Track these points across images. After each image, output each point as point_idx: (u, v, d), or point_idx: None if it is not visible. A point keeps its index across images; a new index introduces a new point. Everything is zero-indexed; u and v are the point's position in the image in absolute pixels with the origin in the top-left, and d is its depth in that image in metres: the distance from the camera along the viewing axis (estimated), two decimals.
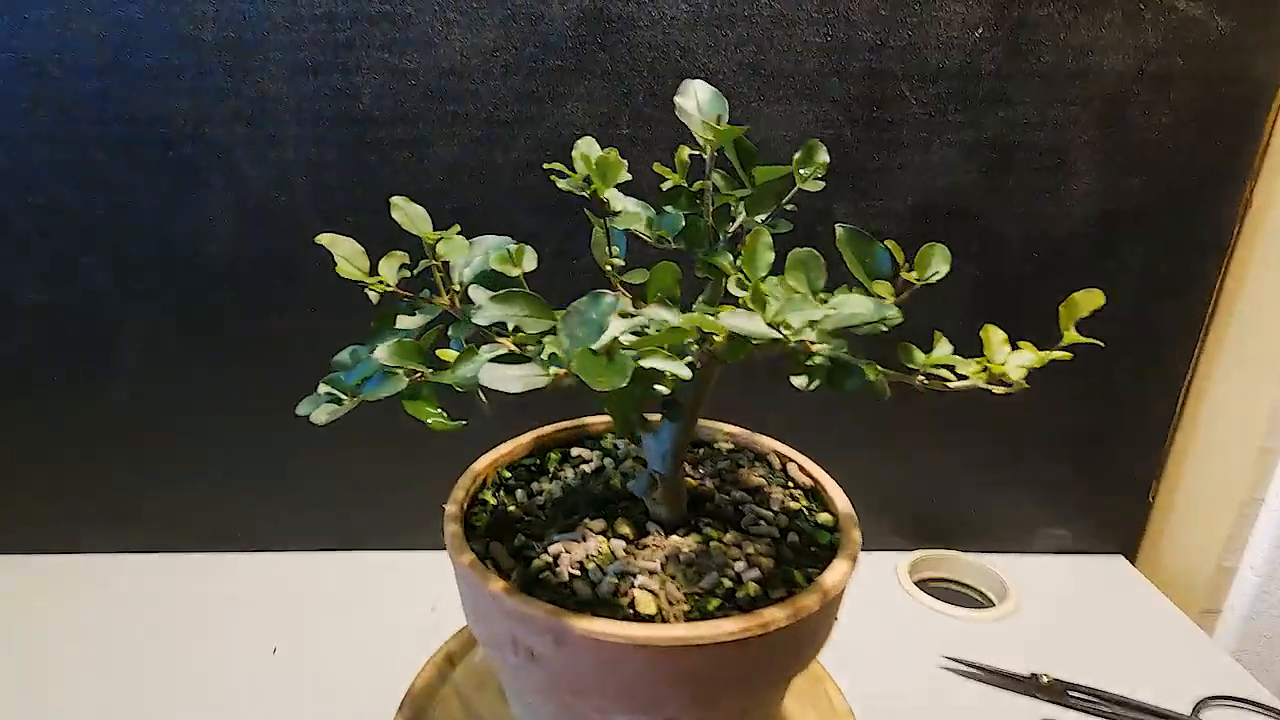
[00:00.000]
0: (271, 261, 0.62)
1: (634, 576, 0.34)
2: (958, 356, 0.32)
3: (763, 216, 0.36)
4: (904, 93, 0.59)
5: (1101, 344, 0.30)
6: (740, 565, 0.35)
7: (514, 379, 0.25)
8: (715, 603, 0.33)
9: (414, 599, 0.64)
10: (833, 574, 0.35)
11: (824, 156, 0.36)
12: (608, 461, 0.43)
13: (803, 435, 0.69)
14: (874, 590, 0.69)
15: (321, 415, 0.30)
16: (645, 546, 0.36)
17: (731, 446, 0.47)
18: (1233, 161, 0.63)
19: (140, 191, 0.60)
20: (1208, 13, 0.58)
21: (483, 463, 0.42)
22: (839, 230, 0.33)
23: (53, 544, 0.71)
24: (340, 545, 0.72)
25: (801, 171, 0.36)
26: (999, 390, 0.32)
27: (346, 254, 0.32)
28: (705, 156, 0.35)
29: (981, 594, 0.71)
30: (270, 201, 0.60)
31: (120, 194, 0.60)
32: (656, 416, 0.37)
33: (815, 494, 0.43)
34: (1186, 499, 0.72)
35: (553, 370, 0.25)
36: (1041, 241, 0.64)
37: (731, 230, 0.37)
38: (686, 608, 0.33)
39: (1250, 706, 0.57)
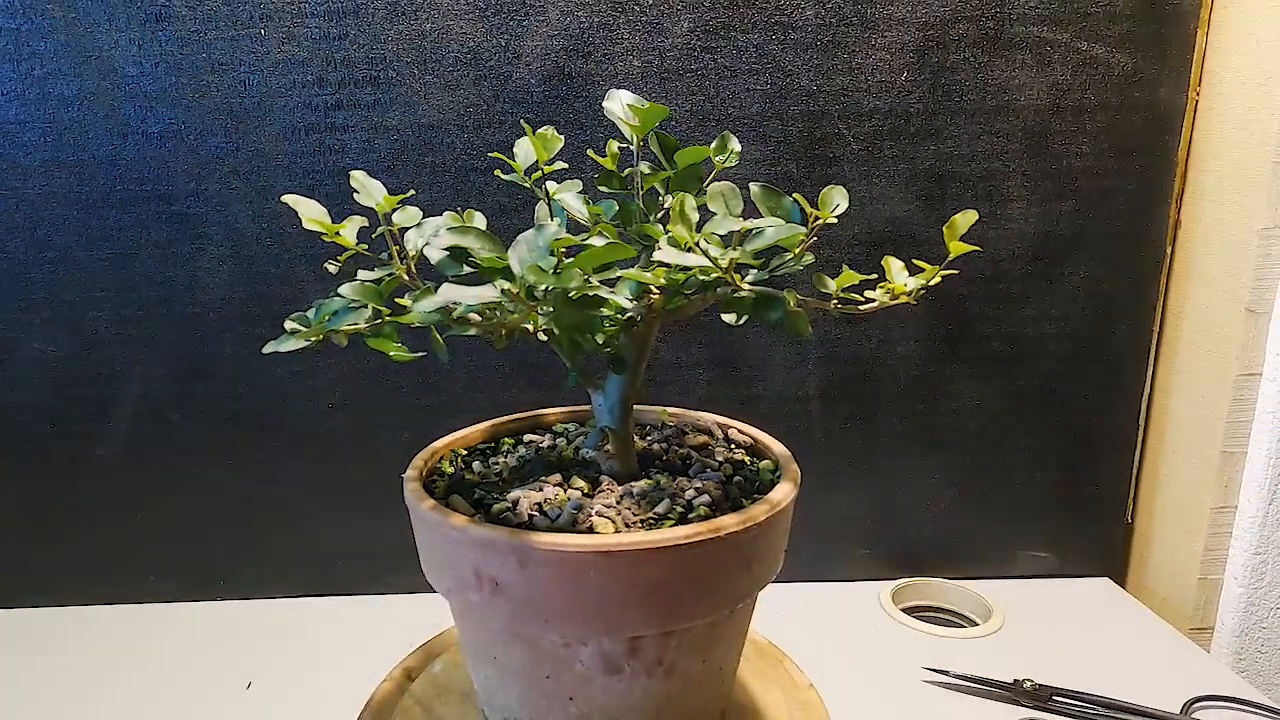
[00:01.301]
0: (263, 308, 0.67)
1: (591, 509, 0.35)
2: (863, 277, 0.35)
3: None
4: (841, 131, 0.65)
5: (956, 271, 0.33)
6: (691, 494, 0.37)
7: (470, 295, 0.28)
8: (669, 524, 0.35)
9: (392, 637, 0.64)
10: (778, 492, 0.37)
11: (736, 145, 0.41)
12: (560, 441, 0.45)
13: None
14: (856, 617, 0.68)
15: (289, 344, 0.32)
16: (600, 492, 0.38)
17: (675, 422, 0.49)
18: (1155, 184, 0.68)
19: (143, 245, 0.65)
20: (1108, 52, 0.64)
21: (441, 442, 0.44)
22: (753, 187, 0.37)
23: (33, 596, 0.71)
24: (323, 591, 0.72)
25: (718, 158, 0.40)
26: (901, 300, 0.35)
27: (311, 213, 0.36)
28: (633, 148, 0.39)
29: (966, 618, 0.70)
30: (263, 251, 0.65)
31: (124, 247, 0.65)
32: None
33: (755, 450, 0.45)
34: (1163, 514, 0.73)
35: (503, 285, 0.28)
36: (984, 263, 0.68)
37: (661, 212, 0.41)
38: (644, 529, 0.35)
39: (1242, 706, 0.56)
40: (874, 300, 0.36)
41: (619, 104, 0.39)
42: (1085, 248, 0.68)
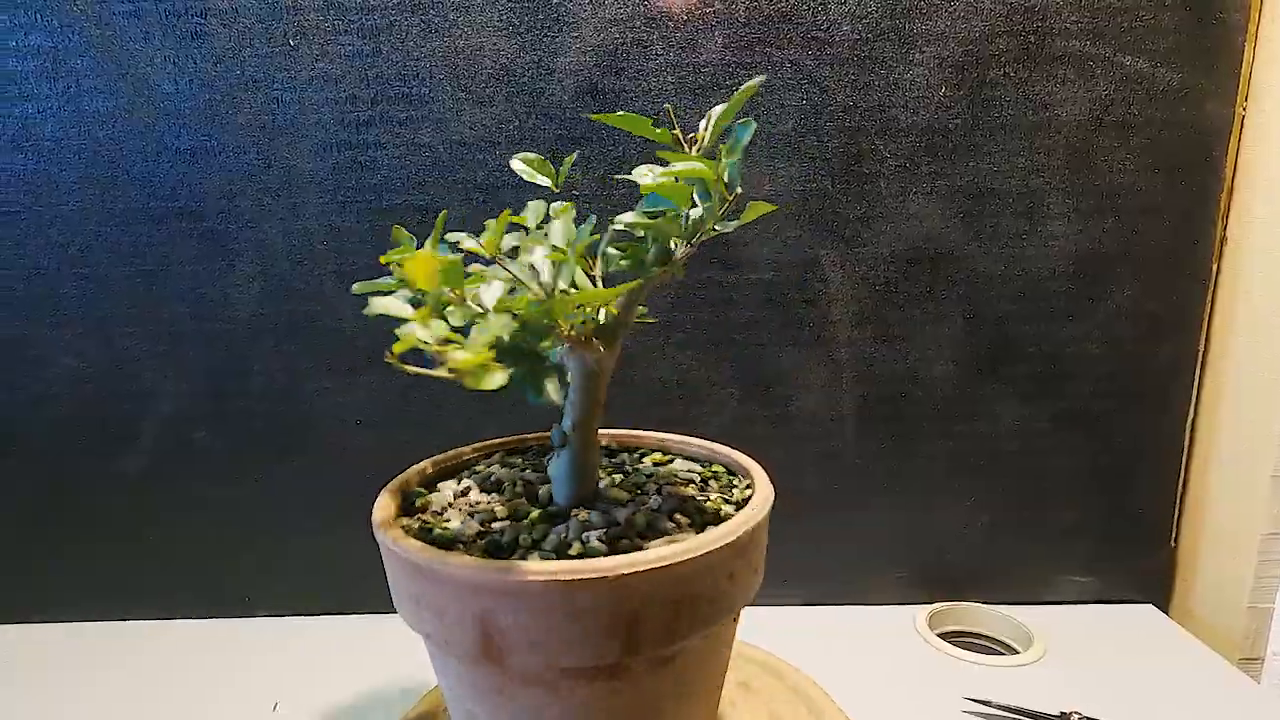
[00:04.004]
0: (293, 325, 0.66)
1: (457, 513, 0.40)
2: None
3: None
4: (878, 147, 0.64)
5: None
6: (550, 538, 0.37)
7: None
8: (478, 542, 0.38)
9: (423, 657, 0.63)
10: (612, 560, 0.33)
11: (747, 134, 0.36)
12: None
13: (807, 484, 0.70)
14: (891, 643, 0.66)
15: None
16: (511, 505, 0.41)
17: (723, 465, 0.49)
18: (1201, 201, 0.66)
19: (173, 261, 0.65)
20: (1152, 66, 0.63)
21: (502, 440, 0.50)
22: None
23: (55, 611, 0.71)
24: (351, 609, 0.72)
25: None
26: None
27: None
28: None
29: (1006, 645, 0.68)
30: (293, 268, 0.65)
31: (155, 264, 0.65)
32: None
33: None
34: (1209, 540, 0.71)
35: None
36: (1024, 281, 0.66)
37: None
38: (466, 546, 0.37)
39: None
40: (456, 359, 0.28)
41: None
42: (1129, 266, 0.66)
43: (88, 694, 0.61)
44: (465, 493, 0.45)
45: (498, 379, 0.27)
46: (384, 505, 0.42)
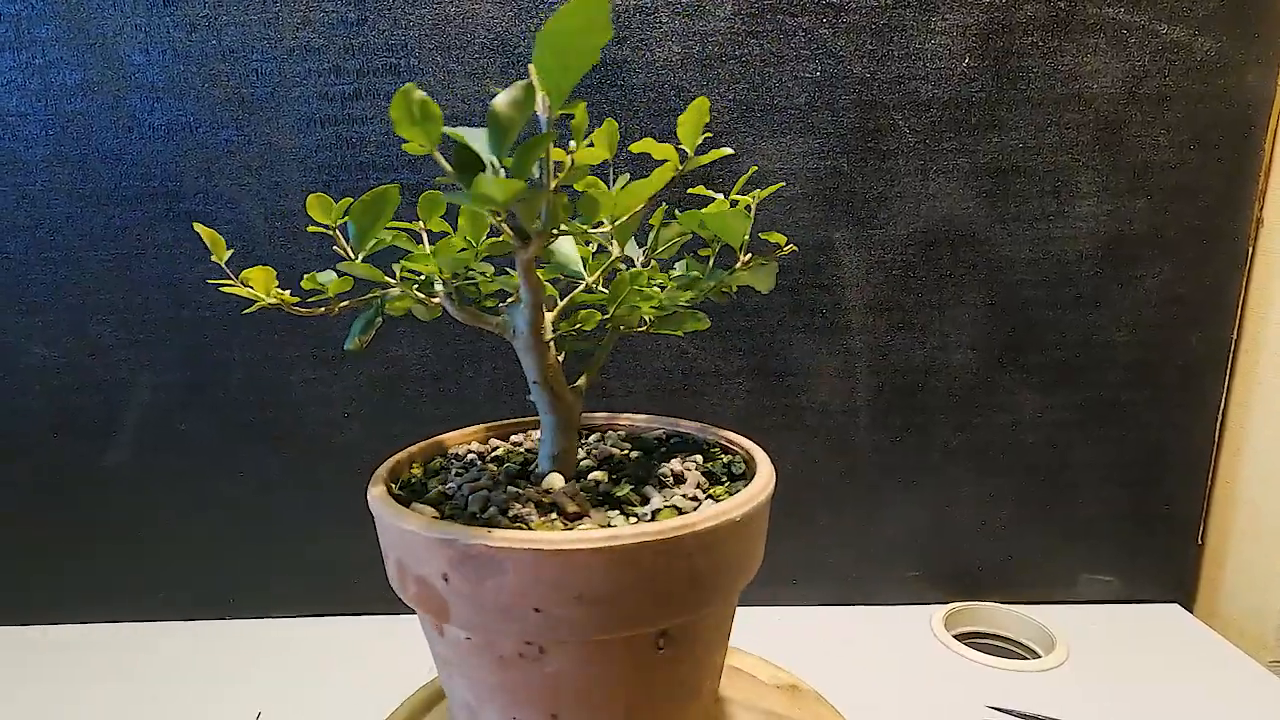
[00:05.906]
0: (277, 312, 0.63)
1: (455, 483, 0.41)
2: None
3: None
4: (896, 122, 0.60)
5: None
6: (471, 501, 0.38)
7: None
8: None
9: (411, 660, 0.60)
10: (518, 537, 0.32)
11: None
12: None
13: (817, 478, 0.67)
14: (907, 645, 0.63)
15: None
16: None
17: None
18: (1238, 179, 0.62)
19: (149, 244, 0.61)
20: (1190, 35, 0.59)
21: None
22: None
23: (32, 613, 0.68)
24: (338, 610, 0.69)
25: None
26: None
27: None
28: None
29: (1026, 647, 0.65)
30: (276, 250, 0.61)
31: (130, 247, 0.61)
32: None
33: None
34: (1239, 537, 0.67)
35: None
36: (1050, 265, 0.63)
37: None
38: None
39: None
40: None
41: None
42: (1160, 248, 0.63)
43: (60, 702, 0.58)
44: (516, 445, 0.47)
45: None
46: (467, 433, 0.48)
